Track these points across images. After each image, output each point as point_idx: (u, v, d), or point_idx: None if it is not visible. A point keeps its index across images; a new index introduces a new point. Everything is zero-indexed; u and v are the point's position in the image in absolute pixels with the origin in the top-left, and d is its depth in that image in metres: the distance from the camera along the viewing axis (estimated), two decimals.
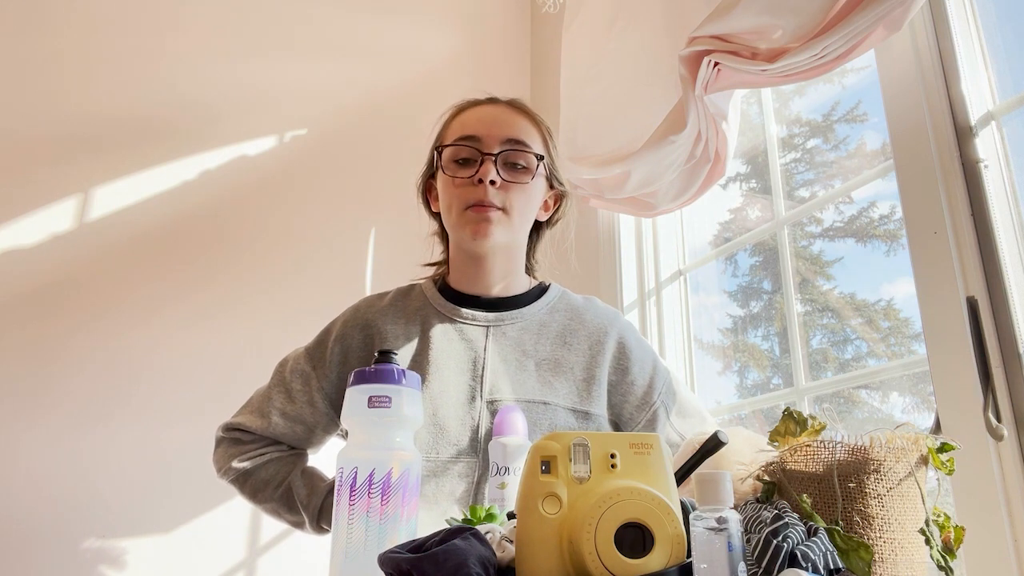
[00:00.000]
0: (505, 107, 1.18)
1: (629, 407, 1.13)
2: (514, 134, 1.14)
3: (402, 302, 1.20)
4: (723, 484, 0.55)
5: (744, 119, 1.59)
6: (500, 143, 1.12)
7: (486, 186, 1.09)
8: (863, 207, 1.44)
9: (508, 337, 1.14)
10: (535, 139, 1.17)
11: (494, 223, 1.10)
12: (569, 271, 1.32)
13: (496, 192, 1.10)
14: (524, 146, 1.14)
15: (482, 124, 1.14)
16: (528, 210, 1.16)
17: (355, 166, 2.11)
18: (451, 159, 1.14)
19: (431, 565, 0.55)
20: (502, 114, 1.17)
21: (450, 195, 1.14)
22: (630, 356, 1.15)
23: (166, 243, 1.85)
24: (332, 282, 1.98)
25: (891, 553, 0.66)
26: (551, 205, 1.23)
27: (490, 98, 1.21)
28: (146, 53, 1.94)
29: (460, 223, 1.12)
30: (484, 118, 1.16)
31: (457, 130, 1.16)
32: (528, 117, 1.18)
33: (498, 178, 1.10)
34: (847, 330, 1.45)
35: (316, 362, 1.15)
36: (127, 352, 1.74)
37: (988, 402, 0.98)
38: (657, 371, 1.17)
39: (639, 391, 1.14)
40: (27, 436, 1.62)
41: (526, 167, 1.14)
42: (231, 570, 1.70)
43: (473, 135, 1.13)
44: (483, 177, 1.09)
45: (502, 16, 2.46)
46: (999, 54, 1.15)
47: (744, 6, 1.17)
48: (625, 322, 1.21)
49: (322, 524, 1.09)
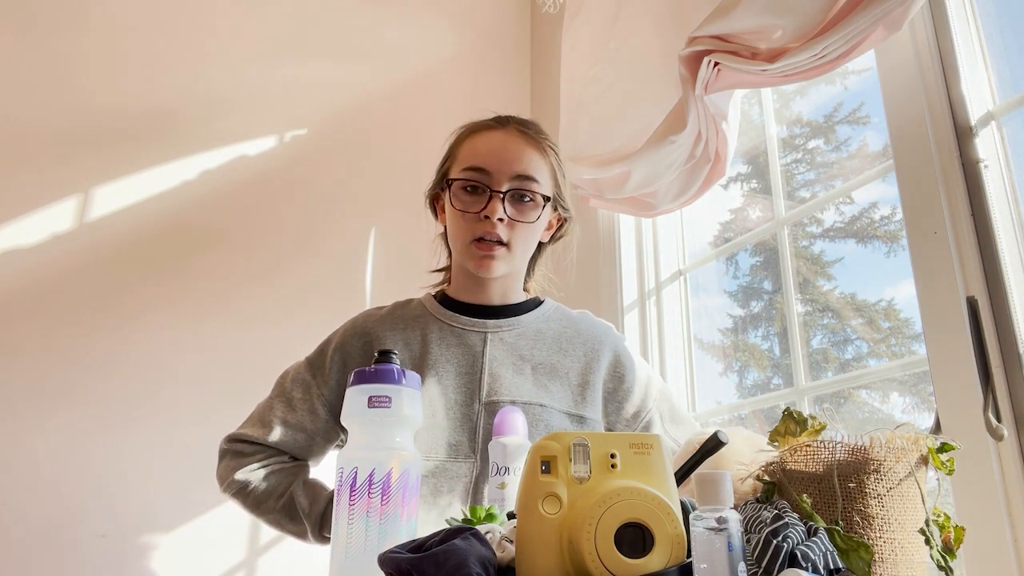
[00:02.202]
0: (516, 136, 1.18)
1: (625, 415, 1.16)
2: (523, 169, 1.15)
3: (400, 311, 1.23)
4: (723, 484, 0.55)
5: (745, 119, 1.59)
6: (509, 179, 1.14)
7: (493, 221, 1.12)
8: (864, 208, 1.44)
9: (506, 342, 1.17)
10: (544, 173, 1.17)
11: (497, 259, 1.14)
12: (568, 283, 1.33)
13: (503, 228, 1.13)
14: (532, 182, 1.15)
15: (492, 156, 1.15)
16: (531, 242, 1.19)
17: (355, 166, 2.11)
18: (460, 188, 1.16)
19: (431, 565, 0.55)
20: (512, 144, 1.17)
21: (457, 226, 1.16)
22: (625, 365, 1.19)
23: (164, 243, 1.84)
24: (332, 282, 1.98)
25: (891, 553, 0.66)
26: (554, 224, 1.25)
27: (501, 120, 1.21)
28: (146, 53, 1.94)
29: (466, 255, 1.15)
30: (494, 148, 1.16)
31: (467, 158, 1.17)
32: (538, 148, 1.18)
33: (505, 216, 1.13)
34: (847, 330, 1.45)
35: (316, 371, 1.17)
36: (126, 352, 1.74)
37: (988, 402, 0.98)
38: (651, 380, 1.21)
39: (635, 399, 1.17)
40: (27, 435, 1.61)
41: (533, 202, 1.16)
42: (231, 570, 1.70)
43: (483, 167, 1.14)
44: (490, 215, 1.12)
45: (502, 16, 2.46)
46: (999, 54, 1.15)
47: (744, 6, 1.17)
48: (618, 335, 1.25)
49: (324, 533, 1.09)
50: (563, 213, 1.24)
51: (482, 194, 1.14)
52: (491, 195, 1.13)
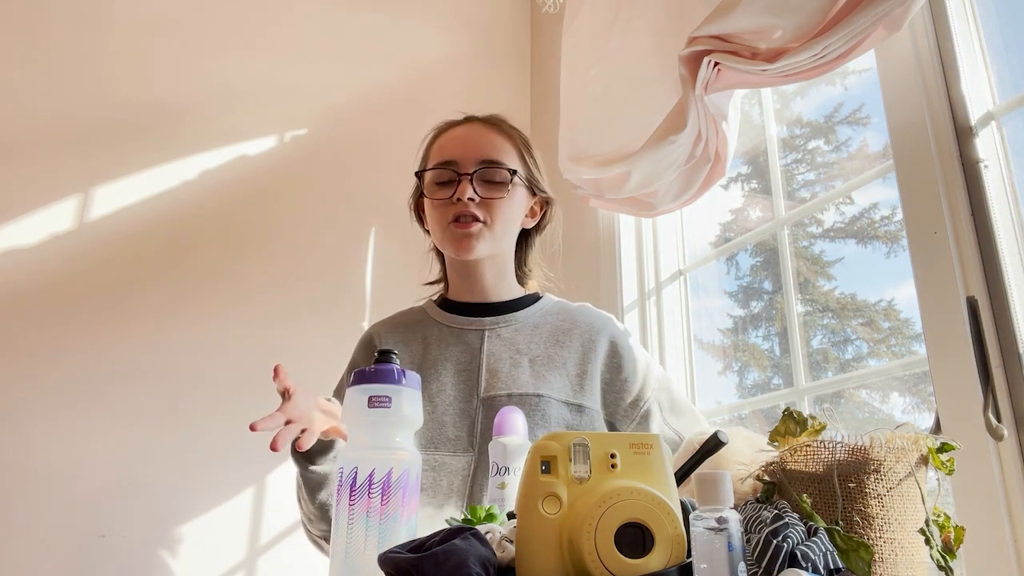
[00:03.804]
0: (480, 126, 1.25)
1: (623, 404, 1.17)
2: (487, 153, 1.20)
3: (402, 317, 1.29)
4: (723, 484, 0.55)
5: (745, 119, 1.59)
6: (475, 163, 1.19)
7: (465, 202, 1.16)
8: (864, 208, 1.44)
9: (503, 338, 1.20)
10: (509, 154, 1.23)
11: (475, 237, 1.17)
12: (562, 274, 1.34)
13: (476, 207, 1.17)
14: (498, 164, 1.20)
15: (457, 146, 1.21)
16: (510, 220, 1.22)
17: (355, 166, 2.11)
18: (432, 182, 1.22)
19: (431, 565, 0.55)
20: (476, 134, 1.23)
21: (434, 217, 1.22)
22: (623, 355, 1.20)
23: (164, 243, 1.84)
24: (332, 282, 1.98)
25: (891, 553, 0.66)
26: (537, 211, 1.29)
27: (468, 117, 1.27)
28: (146, 53, 1.94)
29: (445, 239, 1.20)
30: (459, 139, 1.23)
31: (436, 155, 1.24)
32: (502, 133, 1.24)
33: (476, 195, 1.17)
34: (847, 330, 1.45)
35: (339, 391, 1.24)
36: (125, 351, 1.74)
37: (988, 402, 0.98)
38: (650, 369, 1.21)
39: (633, 388, 1.18)
40: (27, 435, 1.61)
41: (501, 180, 1.20)
42: (231, 570, 1.70)
43: (450, 160, 1.20)
44: (460, 196, 1.16)
45: (502, 16, 2.46)
46: (999, 54, 1.15)
47: (744, 6, 1.17)
48: (617, 325, 1.26)
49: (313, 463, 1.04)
50: (542, 195, 1.27)
51: (452, 183, 1.19)
52: (459, 179, 1.18)
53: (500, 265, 1.24)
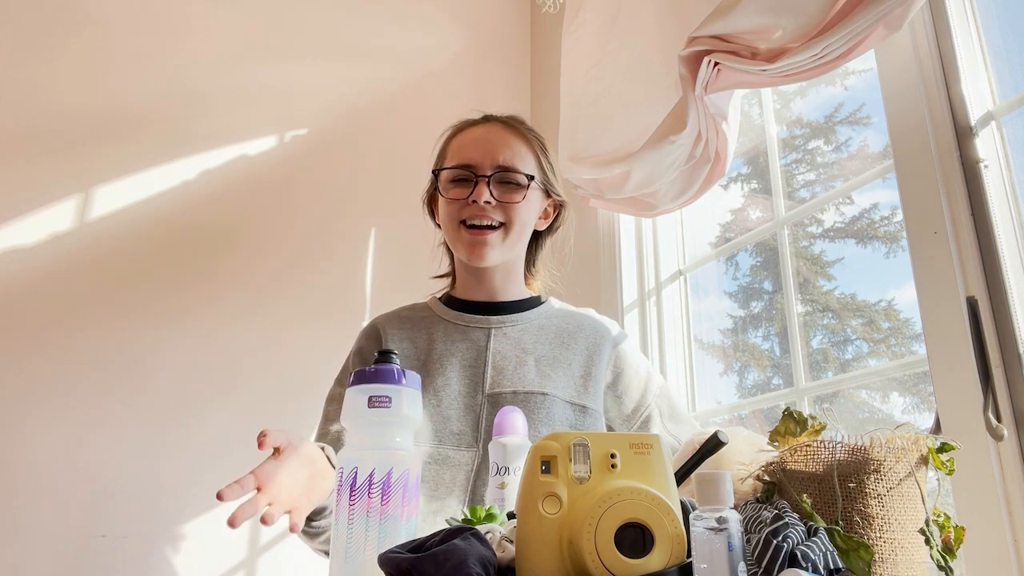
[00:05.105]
0: (499, 128, 1.24)
1: (623, 410, 1.18)
2: (506, 158, 1.20)
3: (408, 312, 1.29)
4: (723, 484, 0.55)
5: (745, 119, 1.59)
6: (493, 167, 1.19)
7: (481, 204, 1.16)
8: (864, 208, 1.44)
9: (509, 337, 1.20)
10: (527, 159, 1.22)
11: (489, 245, 1.17)
12: (568, 275, 1.34)
13: (493, 211, 1.17)
14: (515, 170, 1.20)
15: (476, 149, 1.20)
16: (525, 222, 1.22)
17: (355, 166, 2.11)
18: (447, 180, 1.22)
19: (431, 565, 0.55)
20: (495, 136, 1.22)
21: (447, 214, 1.21)
22: (626, 360, 1.21)
23: (164, 243, 1.84)
24: (332, 281, 1.98)
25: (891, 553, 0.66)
26: (551, 213, 1.29)
27: (486, 117, 1.27)
28: (146, 53, 1.94)
29: (457, 241, 1.20)
30: (478, 141, 1.22)
31: (454, 155, 1.23)
32: (521, 136, 1.24)
33: (492, 199, 1.17)
34: (847, 330, 1.45)
35: (343, 380, 1.23)
36: (125, 351, 1.74)
37: (988, 402, 0.98)
38: (651, 377, 1.23)
39: (633, 394, 1.19)
40: (27, 435, 1.61)
41: (518, 183, 1.20)
42: (231, 570, 1.70)
43: (467, 163, 1.20)
44: (477, 199, 1.16)
45: (502, 16, 2.46)
46: (999, 54, 1.14)
47: (744, 6, 1.17)
48: (621, 332, 1.28)
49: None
50: (556, 199, 1.28)
51: (469, 183, 1.19)
52: (477, 181, 1.17)
53: (510, 267, 1.25)
